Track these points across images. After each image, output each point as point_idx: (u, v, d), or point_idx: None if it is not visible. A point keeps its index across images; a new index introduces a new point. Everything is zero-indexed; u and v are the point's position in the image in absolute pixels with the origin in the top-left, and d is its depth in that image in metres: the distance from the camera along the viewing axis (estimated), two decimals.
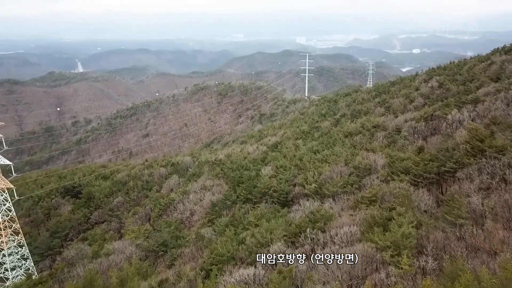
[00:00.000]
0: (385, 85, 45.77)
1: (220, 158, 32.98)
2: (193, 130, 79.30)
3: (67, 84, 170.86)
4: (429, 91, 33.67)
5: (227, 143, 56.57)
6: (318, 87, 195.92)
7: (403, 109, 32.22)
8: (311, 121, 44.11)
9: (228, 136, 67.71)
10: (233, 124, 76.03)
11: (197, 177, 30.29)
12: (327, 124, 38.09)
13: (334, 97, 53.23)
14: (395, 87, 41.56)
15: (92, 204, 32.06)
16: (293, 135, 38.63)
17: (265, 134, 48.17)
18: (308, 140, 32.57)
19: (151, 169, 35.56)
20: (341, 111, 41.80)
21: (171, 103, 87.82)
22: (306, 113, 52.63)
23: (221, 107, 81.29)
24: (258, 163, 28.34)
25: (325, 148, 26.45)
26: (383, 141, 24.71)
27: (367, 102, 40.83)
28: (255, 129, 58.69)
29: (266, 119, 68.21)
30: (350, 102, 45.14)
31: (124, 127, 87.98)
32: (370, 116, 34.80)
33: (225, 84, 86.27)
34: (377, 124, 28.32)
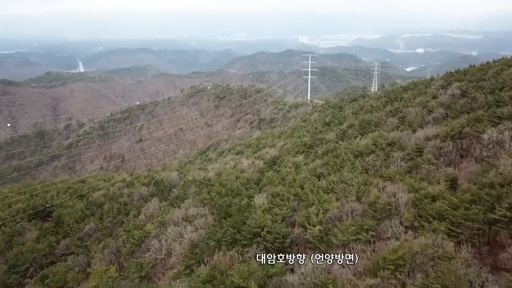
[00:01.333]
0: (396, 90, 41.26)
1: (209, 177, 28.62)
2: (189, 135, 75.06)
3: (63, 84, 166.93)
4: (450, 100, 29.20)
5: (223, 152, 52.28)
6: (321, 88, 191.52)
7: (421, 121, 27.75)
8: (314, 130, 39.70)
9: (225, 142, 63.49)
10: (231, 129, 71.77)
11: (180, 201, 25.96)
12: (332, 136, 33.67)
13: (339, 103, 48.77)
14: (408, 94, 37.05)
15: (61, 230, 27.78)
16: (294, 148, 34.25)
17: (263, 144, 43.82)
18: (311, 156, 28.16)
19: (132, 188, 31.24)
20: (347, 121, 37.35)
21: (167, 106, 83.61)
22: (308, 120, 48.22)
23: (218, 111, 76.99)
24: (252, 186, 23.98)
25: (331, 171, 22.05)
26: (402, 165, 20.29)
27: (377, 111, 36.36)
28: (253, 137, 54.42)
29: (265, 124, 63.89)
30: (357, 110, 40.68)
31: (117, 131, 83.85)
32: (382, 128, 30.35)
33: (223, 86, 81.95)
34: (392, 141, 23.87)
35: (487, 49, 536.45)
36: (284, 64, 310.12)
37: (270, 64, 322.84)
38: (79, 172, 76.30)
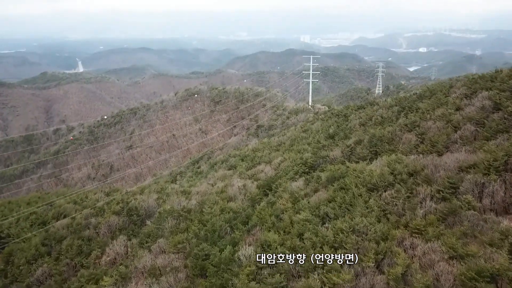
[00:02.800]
0: (409, 98, 36.32)
1: (189, 208, 23.79)
2: (182, 142, 70.26)
3: (57, 86, 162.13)
4: (480, 114, 24.30)
5: (215, 163, 47.47)
6: (322, 89, 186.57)
7: (446, 140, 22.85)
8: (316, 144, 34.84)
9: (219, 151, 58.75)
10: (227, 136, 66.95)
11: (152, 241, 21.14)
12: (338, 154, 28.79)
13: (344, 111, 43.82)
14: (424, 103, 32.08)
15: (10, 273, 22.98)
16: (293, 167, 29.38)
17: (258, 158, 38.98)
18: (313, 183, 23.27)
19: (101, 217, 26.41)
20: (354, 134, 32.45)
21: (159, 110, 78.81)
22: (309, 130, 43.32)
23: (214, 115, 72.16)
24: (238, 226, 19.12)
25: (339, 212, 17.16)
26: (432, 208, 15.42)
27: (389, 123, 31.43)
28: (249, 146, 49.61)
29: (263, 131, 59.03)
30: (365, 120, 35.76)
31: (107, 136, 79.11)
32: (397, 146, 25.46)
33: (219, 89, 77.08)
34: (414, 169, 18.94)
35: (490, 48, 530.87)
36: (285, 63, 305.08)
37: (271, 63, 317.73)
38: (65, 181, 71.66)
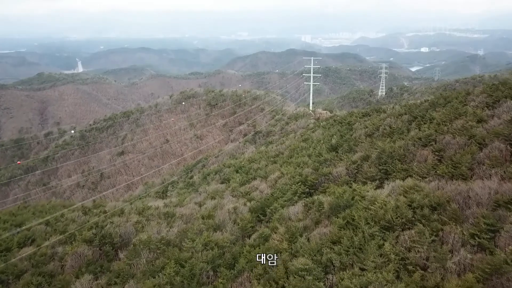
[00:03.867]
0: (420, 106, 32.81)
1: (168, 239, 20.34)
2: (176, 148, 66.90)
3: (52, 87, 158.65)
4: (510, 128, 20.83)
5: (209, 174, 44.06)
6: (324, 90, 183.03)
7: (471, 161, 19.36)
8: (317, 158, 31.38)
9: (214, 158, 55.39)
10: (223, 142, 63.59)
11: (122, 281, 17.70)
12: (342, 171, 25.35)
13: (348, 118, 40.28)
14: (439, 112, 28.58)
15: None
16: (291, 186, 25.93)
17: (254, 171, 35.54)
18: (313, 210, 19.78)
19: (69, 246, 22.97)
20: (360, 147, 28.98)
21: (153, 114, 75.42)
22: (310, 139, 39.84)
23: (209, 120, 68.80)
24: (222, 271, 15.65)
25: (346, 258, 13.68)
26: (468, 260, 11.97)
27: (399, 135, 27.92)
28: (246, 155, 46.22)
29: (261, 138, 55.62)
30: (372, 130, 32.24)
31: (98, 141, 75.77)
32: (411, 165, 21.94)
33: (215, 92, 73.67)
34: (438, 201, 15.45)
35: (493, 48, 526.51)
36: (286, 64, 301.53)
37: (271, 64, 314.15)
38: (54, 188, 68.32)
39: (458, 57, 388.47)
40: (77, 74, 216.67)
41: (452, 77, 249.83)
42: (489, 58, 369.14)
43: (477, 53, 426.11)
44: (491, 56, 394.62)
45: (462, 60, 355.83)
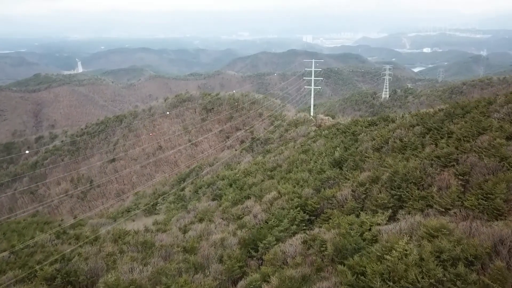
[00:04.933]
0: (434, 116, 29.26)
1: (139, 285, 16.88)
2: (170, 154, 63.49)
3: (47, 88, 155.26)
4: None
5: (201, 187, 40.72)
6: (325, 91, 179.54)
7: (506, 191, 15.92)
8: (318, 174, 27.95)
9: (208, 168, 52.06)
10: (219, 149, 60.22)
11: None
12: (347, 195, 21.88)
13: (352, 127, 36.78)
14: (457, 125, 25.05)
15: None
16: (289, 212, 22.47)
17: (248, 187, 32.14)
18: (314, 249, 16.32)
19: (27, 285, 19.52)
20: (368, 164, 25.49)
21: (146, 118, 72.06)
22: (310, 150, 36.38)
23: (205, 125, 65.41)
24: None
25: None
26: None
27: (413, 150, 24.41)
28: (241, 166, 42.87)
29: (259, 145, 52.22)
30: (380, 143, 28.72)
31: (89, 147, 72.50)
32: (432, 192, 18.44)
33: (212, 95, 70.26)
34: (475, 253, 11.99)
35: (495, 49, 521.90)
36: (287, 64, 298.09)
37: (272, 64, 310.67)
38: (41, 197, 65.03)
39: (461, 58, 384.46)
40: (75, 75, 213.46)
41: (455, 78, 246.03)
42: (493, 58, 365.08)
43: (480, 54, 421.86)
44: (494, 56, 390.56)
45: (465, 60, 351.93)
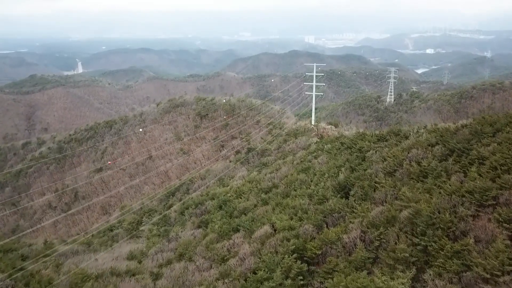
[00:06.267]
0: (457, 133, 24.81)
1: None
2: (160, 164, 59.25)
3: (41, 90, 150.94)
4: None
5: (189, 207, 36.41)
6: (327, 94, 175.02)
7: None
8: (320, 202, 23.60)
9: (200, 181, 47.92)
10: (213, 159, 55.96)
11: None
12: (356, 238, 17.53)
13: (359, 141, 32.28)
14: (489, 146, 20.61)
15: None
16: (283, 256, 18.08)
17: (239, 213, 27.80)
18: None
19: None
20: (380, 194, 21.08)
21: (137, 125, 67.81)
22: (311, 168, 31.99)
23: (199, 132, 61.11)
24: None
25: None
26: None
27: (435, 179, 20.00)
28: (234, 184, 38.60)
29: (255, 156, 47.87)
30: (393, 165, 24.25)
31: (76, 154, 68.25)
32: (468, 245, 14.08)
33: (206, 100, 65.95)
34: None
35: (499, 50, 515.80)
36: (288, 65, 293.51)
37: (273, 65, 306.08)
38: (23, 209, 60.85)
39: (465, 59, 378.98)
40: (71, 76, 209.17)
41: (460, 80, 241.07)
42: (497, 60, 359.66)
43: (485, 55, 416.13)
44: (499, 57, 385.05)
45: (469, 62, 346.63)
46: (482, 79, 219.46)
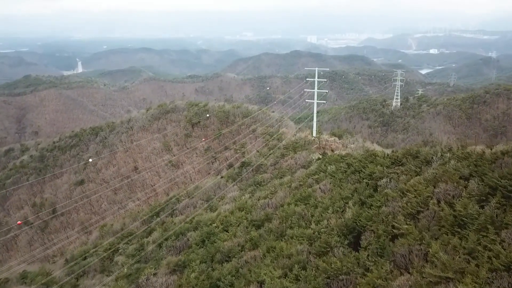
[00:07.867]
0: (495, 163, 19.54)
1: None
2: (147, 177, 54.18)
3: (33, 92, 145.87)
4: None
5: (168, 238, 31.31)
6: (330, 96, 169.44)
7: None
8: (322, 251, 18.42)
9: (186, 200, 42.92)
10: (203, 171, 50.89)
11: None
12: None
13: (369, 164, 26.99)
14: None
15: None
16: None
17: (222, 256, 22.64)
18: None
19: None
20: (404, 252, 15.86)
21: (124, 132, 62.73)
22: (312, 197, 26.75)
23: (189, 142, 56.03)
24: None
25: None
26: None
27: (477, 233, 14.77)
28: (221, 210, 33.47)
29: (249, 173, 42.74)
30: (416, 206, 18.97)
31: (58, 164, 63.23)
32: None
33: (199, 106, 60.81)
34: None
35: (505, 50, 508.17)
36: (289, 66, 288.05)
37: (275, 66, 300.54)
38: None
39: (470, 60, 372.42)
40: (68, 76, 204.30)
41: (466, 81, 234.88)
42: (503, 60, 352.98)
43: (490, 55, 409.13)
44: (504, 58, 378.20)
45: (474, 62, 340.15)
46: (489, 80, 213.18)
